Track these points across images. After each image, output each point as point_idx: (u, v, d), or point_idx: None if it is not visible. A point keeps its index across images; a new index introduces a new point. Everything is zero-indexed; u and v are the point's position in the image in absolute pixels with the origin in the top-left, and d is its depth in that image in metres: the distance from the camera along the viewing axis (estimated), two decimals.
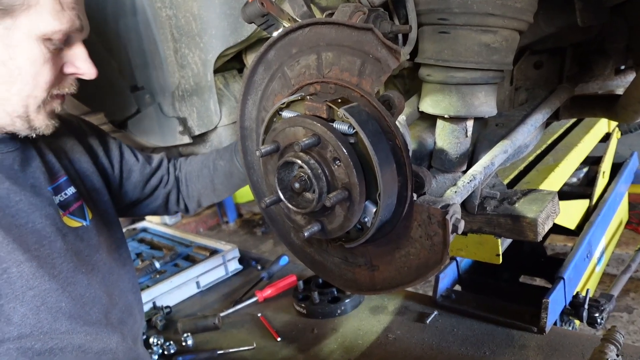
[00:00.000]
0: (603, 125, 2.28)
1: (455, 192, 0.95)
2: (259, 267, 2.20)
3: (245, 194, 6.81)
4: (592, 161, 2.24)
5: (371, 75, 0.81)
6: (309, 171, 0.83)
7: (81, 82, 1.30)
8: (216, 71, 1.54)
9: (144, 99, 1.50)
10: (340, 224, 0.88)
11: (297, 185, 0.88)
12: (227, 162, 1.42)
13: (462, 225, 0.86)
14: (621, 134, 2.49)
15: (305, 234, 0.88)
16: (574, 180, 2.20)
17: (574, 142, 1.96)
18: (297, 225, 0.97)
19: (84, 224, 1.14)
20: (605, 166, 2.20)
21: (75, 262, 1.07)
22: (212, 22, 1.40)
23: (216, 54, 1.46)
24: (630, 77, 1.58)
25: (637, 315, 3.04)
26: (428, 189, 0.90)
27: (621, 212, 2.31)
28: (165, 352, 1.61)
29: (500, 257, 1.25)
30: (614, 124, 2.35)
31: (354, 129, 0.80)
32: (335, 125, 0.82)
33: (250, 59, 1.69)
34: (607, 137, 2.32)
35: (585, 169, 2.27)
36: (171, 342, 1.64)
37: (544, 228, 1.13)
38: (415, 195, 0.87)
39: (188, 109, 1.57)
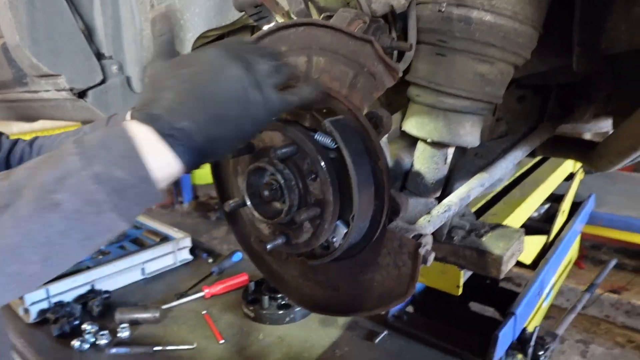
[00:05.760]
0: (569, 165, 2.33)
1: (429, 221, 0.92)
2: (210, 260, 2.12)
3: (203, 175, 6.63)
4: (554, 198, 2.29)
5: (362, 90, 0.76)
6: (282, 181, 0.78)
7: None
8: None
9: (111, 69, 1.39)
10: (307, 240, 0.83)
11: (266, 193, 0.82)
12: (94, 129, 1.13)
13: (432, 258, 0.82)
14: (584, 175, 2.57)
15: (268, 247, 0.82)
16: (535, 215, 2.25)
17: (541, 178, 1.99)
18: (261, 234, 0.91)
19: None
20: (566, 205, 2.25)
21: None
22: (197, 0, 1.31)
23: (196, 34, 1.37)
24: (602, 123, 1.60)
25: (568, 347, 3.17)
26: (402, 216, 0.85)
27: (573, 250, 2.37)
28: (97, 342, 1.50)
29: (460, 288, 1.24)
30: (579, 164, 2.41)
31: (336, 143, 0.74)
32: (317, 136, 0.77)
33: None
34: (571, 176, 2.38)
35: (546, 206, 2.32)
36: (106, 332, 1.53)
37: (507, 266, 1.13)
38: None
39: None
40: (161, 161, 0.61)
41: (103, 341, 1.51)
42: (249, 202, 0.84)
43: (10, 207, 0.55)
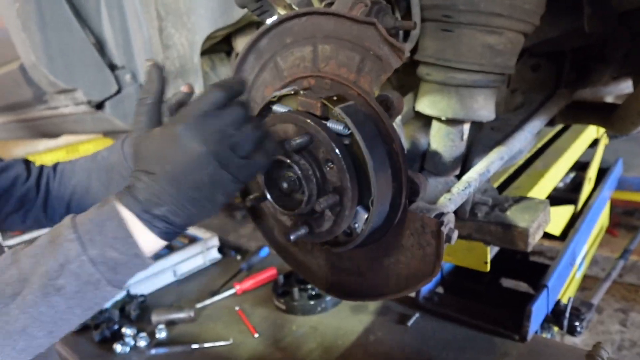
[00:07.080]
0: (592, 131, 2.27)
1: (450, 199, 0.91)
2: (239, 258, 2.15)
3: None
4: (580, 166, 2.23)
5: (370, 74, 0.76)
6: (299, 172, 0.78)
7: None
8: (203, 53, 1.47)
9: (124, 79, 1.42)
10: (329, 228, 0.83)
11: (285, 185, 0.83)
12: (110, 152, 1.14)
13: (455, 236, 0.82)
14: (609, 140, 2.49)
15: (291, 237, 0.83)
16: (561, 185, 2.20)
17: (564, 147, 1.95)
18: (283, 226, 0.92)
19: None
20: (592, 172, 2.20)
21: None
22: (201, 2, 1.32)
23: (204, 35, 1.39)
24: (623, 85, 1.56)
25: (607, 316, 3.10)
26: (422, 196, 0.85)
27: (603, 217, 2.32)
28: (137, 345, 1.55)
29: (489, 264, 1.23)
30: (602, 129, 2.35)
31: (349, 129, 0.75)
32: (329, 124, 0.77)
33: (239, 43, 1.61)
34: (595, 143, 2.32)
35: (572, 175, 2.27)
36: (144, 334, 1.58)
37: (534, 238, 1.11)
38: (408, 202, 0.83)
39: (172, 91, 1.49)
40: (147, 240, 0.71)
41: (142, 343, 1.55)
42: (268, 196, 0.85)
43: (19, 295, 0.64)
